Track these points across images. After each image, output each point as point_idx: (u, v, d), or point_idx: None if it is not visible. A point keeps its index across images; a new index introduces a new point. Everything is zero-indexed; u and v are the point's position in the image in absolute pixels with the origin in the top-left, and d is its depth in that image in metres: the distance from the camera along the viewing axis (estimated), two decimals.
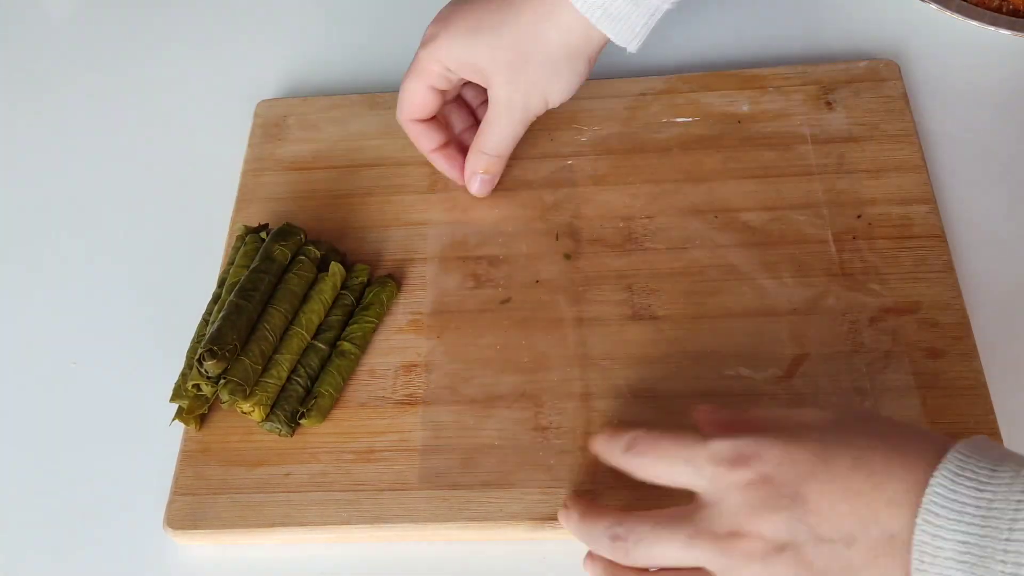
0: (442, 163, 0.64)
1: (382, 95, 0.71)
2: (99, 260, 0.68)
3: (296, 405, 0.56)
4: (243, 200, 0.67)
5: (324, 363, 0.58)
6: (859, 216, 0.61)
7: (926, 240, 0.59)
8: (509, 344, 0.59)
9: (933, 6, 0.69)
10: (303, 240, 0.61)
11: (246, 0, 0.82)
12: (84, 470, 0.59)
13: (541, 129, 0.67)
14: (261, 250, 0.59)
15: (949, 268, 0.58)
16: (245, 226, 0.62)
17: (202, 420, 0.58)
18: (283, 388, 0.57)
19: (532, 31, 0.57)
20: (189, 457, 0.57)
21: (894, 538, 0.39)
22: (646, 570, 0.46)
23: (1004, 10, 0.69)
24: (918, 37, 0.70)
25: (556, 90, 0.59)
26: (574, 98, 0.68)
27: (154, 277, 0.66)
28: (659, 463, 0.46)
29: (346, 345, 0.58)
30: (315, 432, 0.57)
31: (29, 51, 0.81)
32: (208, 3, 0.82)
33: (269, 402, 0.56)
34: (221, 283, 0.61)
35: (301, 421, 0.56)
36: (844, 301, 0.58)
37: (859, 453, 0.41)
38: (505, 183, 0.65)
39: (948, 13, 0.68)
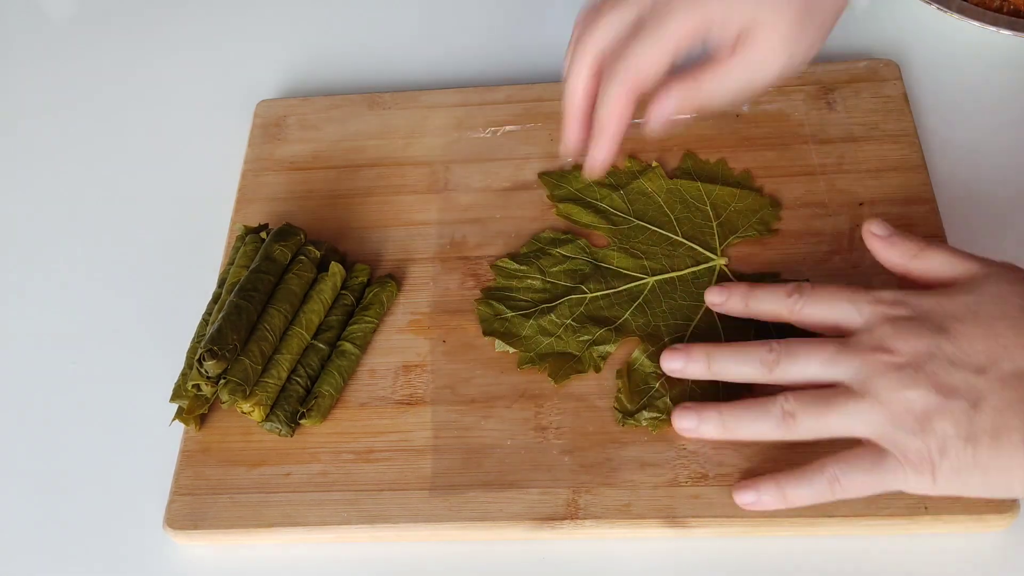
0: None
1: (382, 95, 0.71)
2: (99, 260, 0.68)
3: (296, 405, 0.56)
4: (243, 200, 0.67)
5: (324, 363, 0.58)
6: (860, 204, 0.61)
7: None
8: None
9: (934, 7, 0.69)
10: (303, 240, 0.61)
11: (246, 0, 0.82)
12: (84, 470, 0.59)
13: (540, 129, 0.67)
14: (261, 250, 0.59)
15: None
16: (245, 226, 0.62)
17: (202, 420, 0.58)
18: (283, 388, 0.57)
19: None
20: (189, 457, 0.57)
21: (1021, 373, 0.44)
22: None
23: (1005, 11, 0.68)
24: (918, 37, 0.70)
25: (810, 54, 0.54)
26: None
27: (154, 277, 0.66)
28: (823, 304, 0.50)
29: (346, 345, 0.58)
30: (315, 432, 0.57)
31: (29, 52, 0.81)
32: (208, 3, 0.82)
33: (269, 402, 0.56)
34: (221, 283, 0.61)
35: (301, 421, 0.56)
36: None
37: (1007, 310, 0.46)
38: (506, 183, 0.65)
39: (949, 14, 0.68)
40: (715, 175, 0.63)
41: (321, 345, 0.58)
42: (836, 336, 0.49)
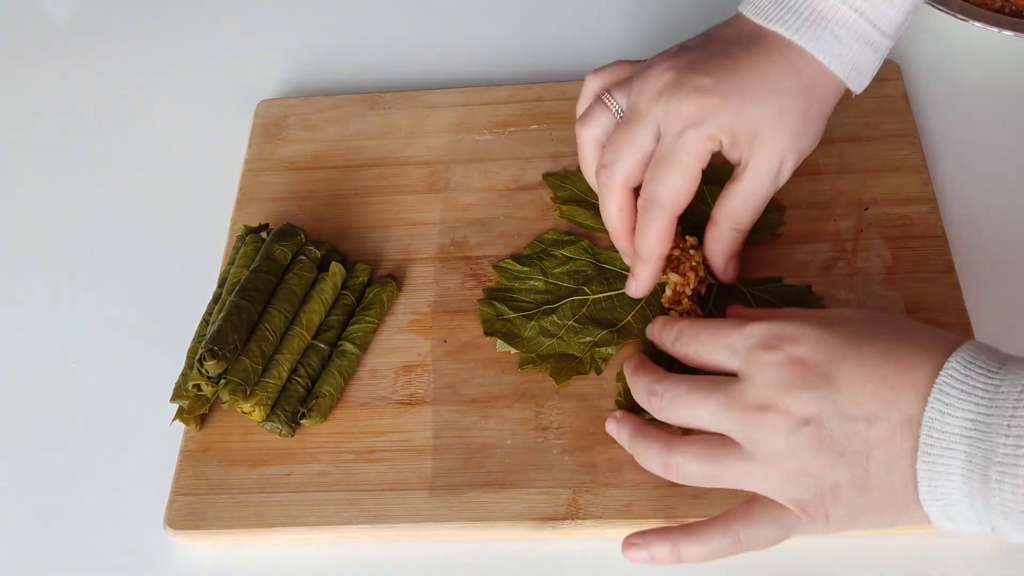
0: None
1: (382, 95, 0.71)
2: (99, 260, 0.68)
3: (297, 405, 0.56)
4: (243, 200, 0.67)
5: (325, 363, 0.58)
6: (866, 209, 0.61)
7: (927, 240, 0.59)
8: None
9: (935, 7, 0.69)
10: (303, 240, 0.61)
11: (247, 0, 0.82)
12: (84, 470, 0.59)
13: (542, 129, 0.67)
14: (262, 250, 0.59)
15: (949, 268, 0.58)
16: (245, 226, 0.62)
17: (202, 420, 0.58)
18: (284, 388, 0.57)
19: (811, 85, 0.52)
20: (189, 457, 0.57)
21: (911, 419, 0.41)
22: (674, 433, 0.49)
23: (1007, 11, 0.68)
24: (919, 37, 0.70)
25: (811, 147, 0.55)
26: (574, 97, 0.69)
27: (154, 277, 0.66)
28: (701, 349, 0.49)
29: (347, 345, 0.58)
30: (316, 432, 0.57)
31: (30, 53, 0.81)
32: (208, 4, 0.82)
33: (270, 402, 0.56)
34: (222, 283, 0.61)
35: (302, 421, 0.56)
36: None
37: (888, 344, 0.43)
38: (507, 183, 0.65)
39: (950, 15, 0.68)
40: (721, 178, 0.63)
41: (322, 345, 0.58)
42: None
